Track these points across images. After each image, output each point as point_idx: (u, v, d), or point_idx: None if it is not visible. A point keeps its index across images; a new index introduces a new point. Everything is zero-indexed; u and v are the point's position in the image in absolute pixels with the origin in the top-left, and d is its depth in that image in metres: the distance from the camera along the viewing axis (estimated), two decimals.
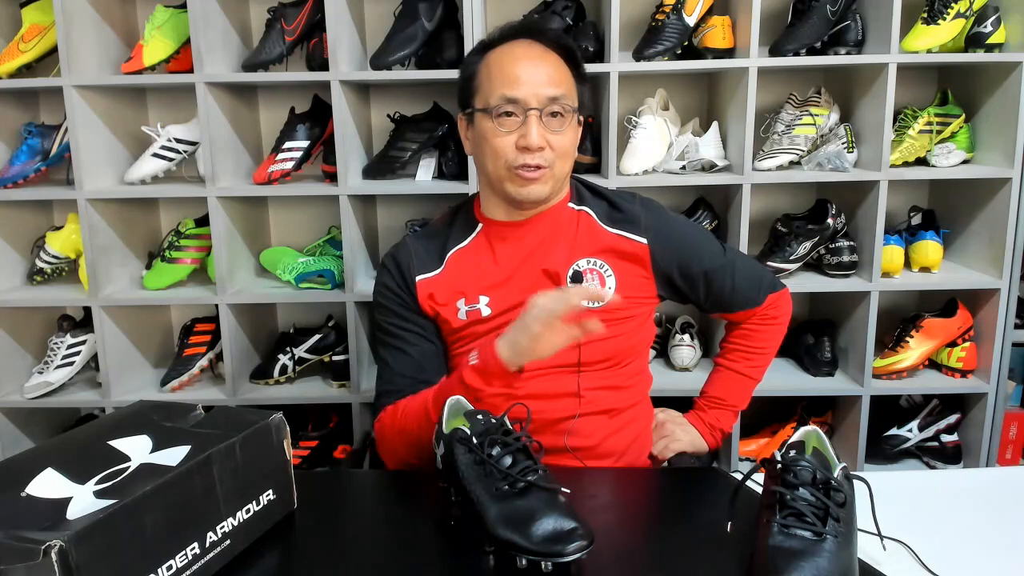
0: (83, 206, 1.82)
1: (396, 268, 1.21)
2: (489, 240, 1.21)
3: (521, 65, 1.10)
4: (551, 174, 1.12)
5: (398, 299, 1.20)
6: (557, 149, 1.11)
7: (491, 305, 1.17)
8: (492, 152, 1.12)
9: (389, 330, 1.21)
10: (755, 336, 1.32)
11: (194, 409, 0.87)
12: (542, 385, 1.15)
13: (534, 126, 1.08)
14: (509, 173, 1.12)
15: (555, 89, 1.10)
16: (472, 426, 0.86)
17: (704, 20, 1.83)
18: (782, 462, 0.78)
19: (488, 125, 1.11)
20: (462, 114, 1.19)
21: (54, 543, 0.59)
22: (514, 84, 1.09)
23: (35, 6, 1.86)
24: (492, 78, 1.11)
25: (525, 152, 1.09)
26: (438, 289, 1.19)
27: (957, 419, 1.97)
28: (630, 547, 0.82)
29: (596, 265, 1.18)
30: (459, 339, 1.19)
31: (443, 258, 1.21)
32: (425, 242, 1.24)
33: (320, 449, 1.96)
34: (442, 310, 1.18)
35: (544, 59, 1.12)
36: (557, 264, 1.17)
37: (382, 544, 0.84)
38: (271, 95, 2.08)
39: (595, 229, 1.19)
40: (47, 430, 2.10)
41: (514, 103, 1.09)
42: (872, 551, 0.78)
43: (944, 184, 2.00)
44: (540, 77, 1.10)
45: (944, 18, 1.74)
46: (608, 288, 1.17)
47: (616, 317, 1.16)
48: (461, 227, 1.24)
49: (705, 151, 1.85)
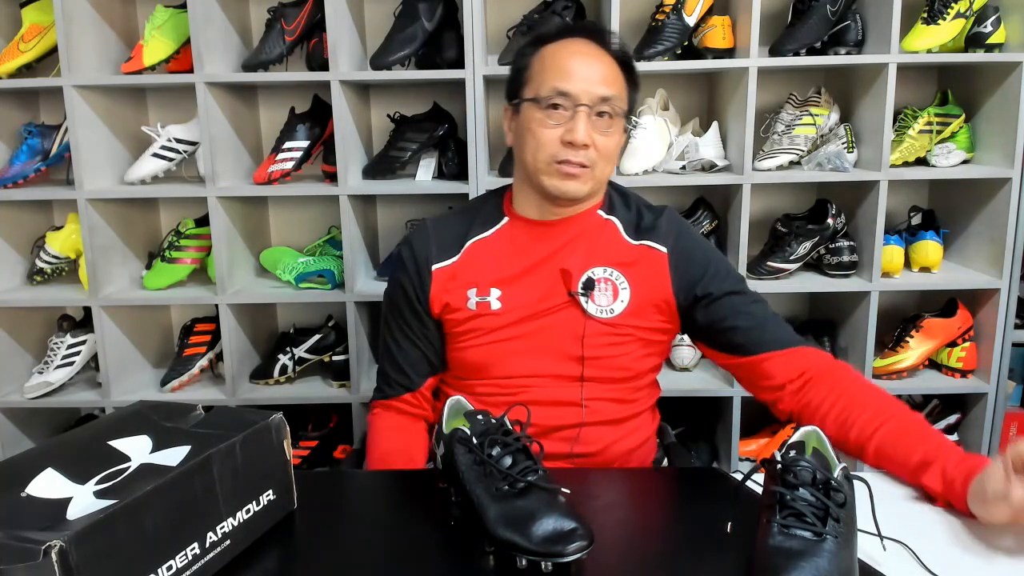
0: (83, 206, 1.82)
1: (412, 258, 1.20)
2: (512, 235, 1.19)
3: (576, 60, 1.09)
4: (592, 175, 1.11)
5: (407, 300, 1.20)
6: (602, 150, 1.10)
7: (501, 299, 1.15)
8: (535, 143, 1.10)
9: (391, 328, 1.24)
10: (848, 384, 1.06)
11: (194, 409, 0.87)
12: (545, 392, 1.14)
13: (582, 122, 1.07)
14: (549, 167, 1.10)
15: (607, 89, 1.08)
16: (472, 426, 0.86)
17: (704, 20, 1.83)
18: (782, 462, 0.78)
19: (535, 115, 1.10)
20: (508, 104, 1.18)
21: (54, 543, 0.59)
22: (567, 77, 1.08)
23: (35, 6, 1.86)
24: (545, 69, 1.10)
25: (569, 148, 1.08)
26: (452, 277, 1.18)
27: (957, 419, 1.97)
28: (630, 547, 0.82)
29: (611, 275, 1.15)
30: (465, 332, 1.17)
31: (462, 246, 1.19)
32: (446, 226, 1.22)
33: (320, 449, 1.96)
34: (452, 300, 1.17)
35: (600, 59, 1.11)
36: (574, 267, 1.15)
37: (382, 544, 0.84)
38: (271, 95, 2.08)
39: (617, 240, 1.17)
40: (47, 430, 2.10)
41: (565, 96, 1.07)
42: (872, 551, 0.78)
43: (944, 184, 2.00)
44: (594, 75, 1.08)
45: (944, 18, 1.74)
46: (621, 300, 1.14)
47: (622, 333, 1.14)
48: (486, 217, 1.22)
49: (705, 151, 1.85)
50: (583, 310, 1.13)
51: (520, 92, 1.14)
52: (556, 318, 1.14)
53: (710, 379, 1.92)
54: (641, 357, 1.17)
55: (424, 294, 1.18)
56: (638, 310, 1.15)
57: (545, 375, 1.15)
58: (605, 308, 1.14)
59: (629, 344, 1.15)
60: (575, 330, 1.13)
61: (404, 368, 1.22)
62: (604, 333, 1.14)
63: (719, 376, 1.93)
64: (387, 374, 1.24)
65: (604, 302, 1.14)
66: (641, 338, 1.16)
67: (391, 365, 1.23)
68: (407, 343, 1.21)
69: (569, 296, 1.14)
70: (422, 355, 1.22)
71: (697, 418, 2.07)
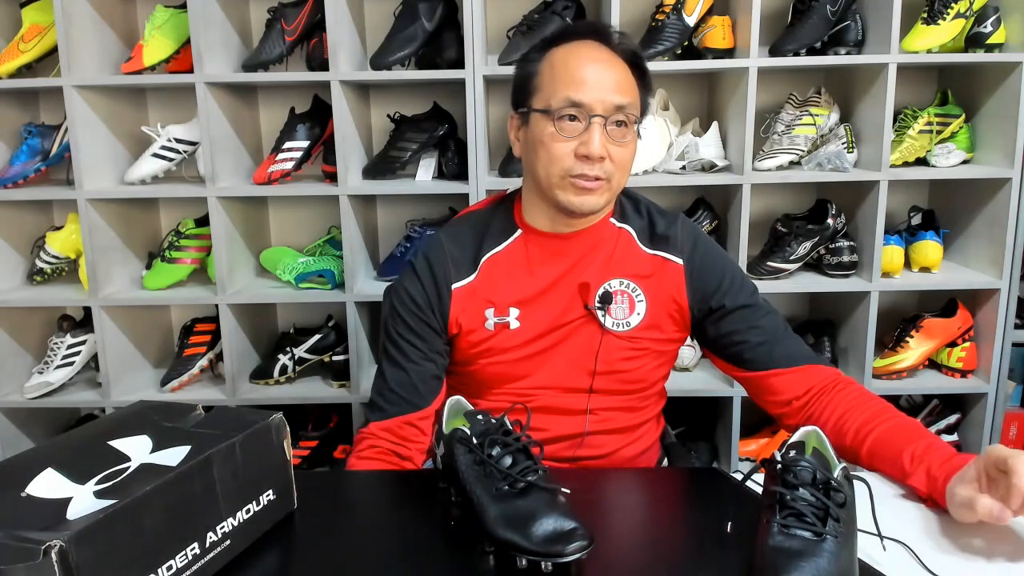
0: (83, 206, 1.82)
1: (430, 275, 1.13)
2: (527, 249, 1.14)
3: (589, 68, 1.03)
4: (608, 187, 1.06)
5: (417, 310, 1.13)
6: (617, 161, 1.04)
7: (520, 319, 1.12)
8: (548, 157, 1.04)
9: (395, 339, 1.14)
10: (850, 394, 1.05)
11: (194, 409, 0.87)
12: (553, 400, 1.13)
13: (597, 134, 1.01)
14: (563, 181, 1.04)
15: (622, 97, 1.03)
16: (472, 426, 0.86)
17: (704, 20, 1.83)
18: (782, 462, 0.78)
19: (547, 128, 1.04)
20: (515, 113, 1.12)
21: (54, 543, 0.58)
22: (580, 87, 1.02)
23: (35, 6, 1.86)
24: (556, 78, 1.04)
25: (584, 161, 1.02)
26: (470, 296, 1.13)
27: (957, 419, 1.97)
28: (630, 547, 0.82)
29: (627, 287, 1.12)
30: (481, 353, 1.13)
31: (478, 262, 1.14)
32: (460, 243, 1.16)
33: (320, 449, 1.96)
34: (469, 321, 1.12)
35: (612, 64, 1.05)
36: (591, 281, 1.12)
37: (382, 544, 0.84)
38: (271, 95, 2.08)
39: (633, 249, 1.14)
40: (47, 430, 2.10)
41: (578, 107, 1.02)
42: (872, 551, 0.78)
43: (944, 184, 2.00)
44: (608, 83, 1.03)
45: (944, 18, 1.74)
46: (637, 313, 1.12)
47: (638, 347, 1.12)
48: (499, 229, 1.16)
49: (705, 151, 1.85)
50: (600, 324, 1.11)
51: (528, 101, 1.08)
52: (574, 333, 1.12)
53: (710, 379, 1.92)
54: (654, 368, 1.16)
55: (443, 313, 1.13)
56: (654, 322, 1.13)
57: (555, 387, 1.13)
58: (622, 321, 1.12)
59: (644, 357, 1.14)
60: (591, 344, 1.12)
61: (415, 382, 1.12)
62: (620, 347, 1.12)
63: (719, 376, 1.92)
64: (389, 388, 1.12)
65: (620, 315, 1.12)
66: (656, 350, 1.15)
67: (397, 379, 1.12)
68: (419, 356, 1.12)
69: (586, 310, 1.12)
70: (434, 368, 1.14)
71: (697, 418, 2.07)
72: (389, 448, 1.10)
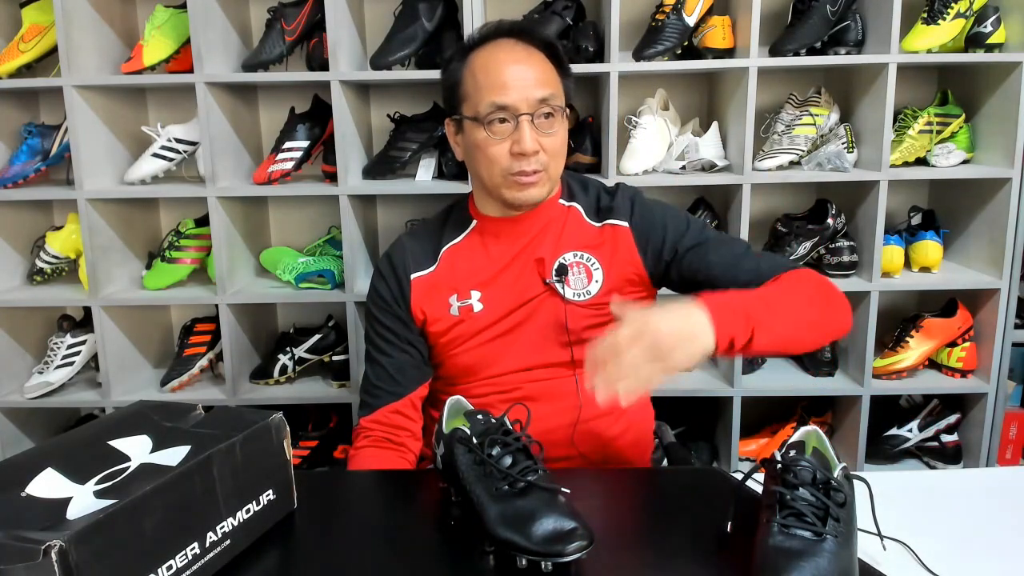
0: (83, 206, 1.82)
1: (391, 269, 1.21)
2: (482, 236, 1.21)
3: (508, 69, 1.08)
4: (547, 176, 1.12)
5: (385, 304, 1.20)
6: (550, 150, 1.11)
7: (483, 300, 1.17)
8: (487, 160, 1.11)
9: (372, 338, 1.23)
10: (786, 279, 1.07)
11: (194, 409, 0.87)
12: (540, 386, 1.15)
13: (527, 131, 1.07)
14: (506, 180, 1.11)
15: (544, 90, 1.08)
16: (472, 426, 0.86)
17: (704, 20, 1.82)
18: (782, 462, 0.78)
19: (480, 134, 1.10)
20: (449, 120, 1.18)
21: (54, 543, 0.59)
22: (502, 90, 1.07)
23: (35, 6, 1.86)
24: (479, 85, 1.09)
25: (520, 158, 1.09)
26: (432, 287, 1.19)
27: (957, 419, 1.97)
28: (630, 547, 0.82)
29: (582, 259, 1.17)
30: (451, 340, 1.18)
31: (437, 255, 1.21)
32: (420, 240, 1.24)
33: (320, 449, 1.96)
34: (434, 309, 1.18)
35: (529, 60, 1.10)
36: (546, 256, 1.17)
37: (382, 544, 0.84)
38: (271, 95, 2.08)
39: (582, 224, 1.20)
40: (47, 430, 2.10)
41: (504, 109, 1.07)
42: (872, 551, 0.78)
43: (944, 184, 2.00)
44: (528, 80, 1.08)
45: (944, 18, 1.74)
46: (596, 281, 1.17)
47: (603, 313, 1.15)
48: (455, 224, 1.24)
49: (705, 151, 1.85)
50: (561, 296, 1.15)
51: (459, 109, 1.13)
52: (538, 308, 1.17)
53: (710, 379, 1.92)
54: None
55: (405, 302, 1.19)
56: (614, 288, 1.17)
57: (536, 366, 1.16)
58: (581, 291, 1.16)
59: (612, 323, 1.16)
60: (557, 317, 1.15)
61: (392, 373, 1.19)
62: (585, 316, 1.16)
63: (719, 376, 1.93)
64: (372, 383, 1.21)
65: (579, 285, 1.16)
66: None
67: (376, 373, 1.20)
68: (393, 348, 1.20)
69: (545, 285, 1.16)
70: (409, 359, 1.20)
71: (697, 418, 2.07)
72: (381, 437, 1.17)
